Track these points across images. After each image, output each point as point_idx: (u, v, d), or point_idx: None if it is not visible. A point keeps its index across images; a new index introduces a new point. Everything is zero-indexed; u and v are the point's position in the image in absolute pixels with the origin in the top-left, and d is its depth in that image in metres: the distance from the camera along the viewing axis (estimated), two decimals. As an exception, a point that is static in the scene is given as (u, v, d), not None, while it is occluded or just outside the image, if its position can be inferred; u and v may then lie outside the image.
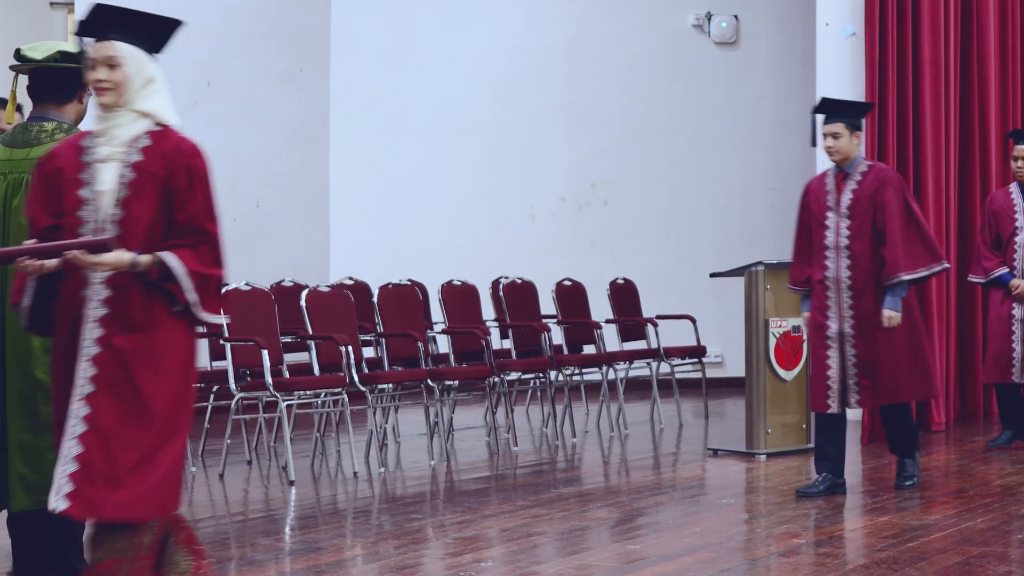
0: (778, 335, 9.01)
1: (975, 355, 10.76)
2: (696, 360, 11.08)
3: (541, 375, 9.97)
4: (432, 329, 10.10)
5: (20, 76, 5.18)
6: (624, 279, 11.41)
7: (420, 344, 9.08)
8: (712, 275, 9.65)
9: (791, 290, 7.69)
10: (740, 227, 13.93)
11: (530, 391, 11.38)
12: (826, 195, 7.44)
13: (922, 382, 7.47)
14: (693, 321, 11.21)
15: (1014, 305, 9.09)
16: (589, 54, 13.74)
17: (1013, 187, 9.29)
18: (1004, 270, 9.13)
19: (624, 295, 11.26)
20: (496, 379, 9.44)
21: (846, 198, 7.36)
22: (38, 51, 5.01)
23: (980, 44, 10.84)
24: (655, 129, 13.88)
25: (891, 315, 7.27)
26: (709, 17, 13.84)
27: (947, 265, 7.48)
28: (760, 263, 9.07)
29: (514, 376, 9.81)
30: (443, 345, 9.92)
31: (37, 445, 4.88)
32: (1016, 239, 9.11)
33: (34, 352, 4.88)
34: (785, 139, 13.93)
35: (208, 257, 4.27)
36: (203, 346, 9.04)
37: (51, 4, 14.19)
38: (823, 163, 10.72)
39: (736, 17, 13.88)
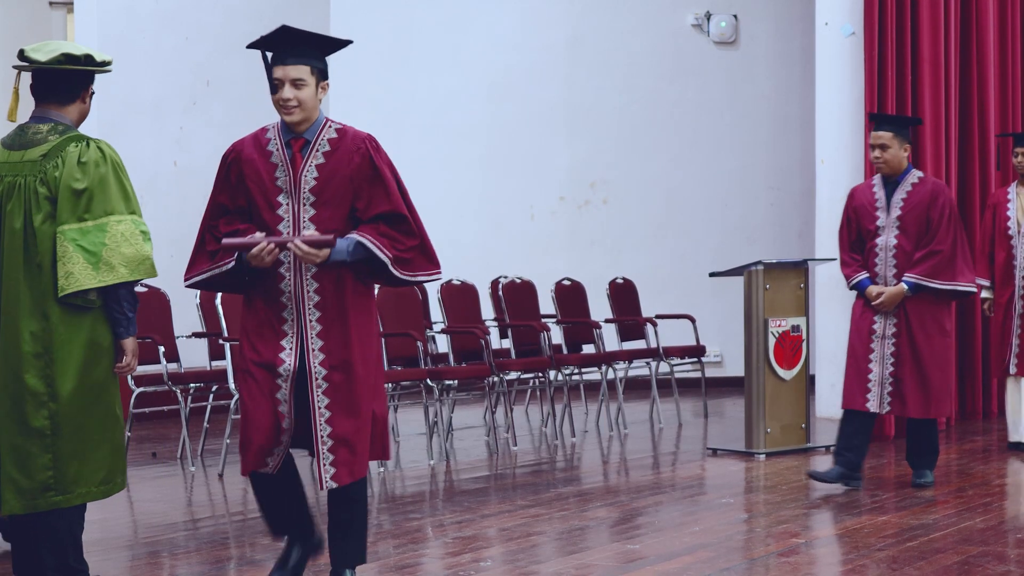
0: (777, 334, 9.01)
1: (975, 354, 10.77)
2: (695, 359, 11.08)
3: (540, 375, 9.97)
4: (431, 329, 10.10)
5: (23, 73, 5.14)
6: (623, 278, 11.41)
7: (419, 344, 9.08)
8: (711, 274, 9.65)
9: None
10: (739, 226, 13.94)
11: (529, 391, 11.38)
12: (274, 168, 5.20)
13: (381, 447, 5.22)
14: (692, 321, 11.21)
15: (875, 319, 7.63)
16: (588, 54, 13.75)
17: (876, 179, 7.75)
18: (863, 275, 7.64)
19: (623, 294, 11.26)
20: (495, 379, 9.44)
21: (308, 177, 5.26)
22: (42, 52, 4.95)
23: (980, 44, 10.85)
24: (654, 129, 13.89)
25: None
26: (708, 17, 13.85)
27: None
28: (759, 262, 9.08)
29: (513, 376, 9.81)
30: (442, 345, 9.92)
31: (27, 449, 4.86)
32: (877, 240, 7.62)
33: (24, 358, 4.85)
34: (784, 139, 13.94)
35: None
36: (202, 346, 9.05)
37: (51, 4, 14.20)
38: (821, 161, 10.75)
39: (735, 17, 13.88)
